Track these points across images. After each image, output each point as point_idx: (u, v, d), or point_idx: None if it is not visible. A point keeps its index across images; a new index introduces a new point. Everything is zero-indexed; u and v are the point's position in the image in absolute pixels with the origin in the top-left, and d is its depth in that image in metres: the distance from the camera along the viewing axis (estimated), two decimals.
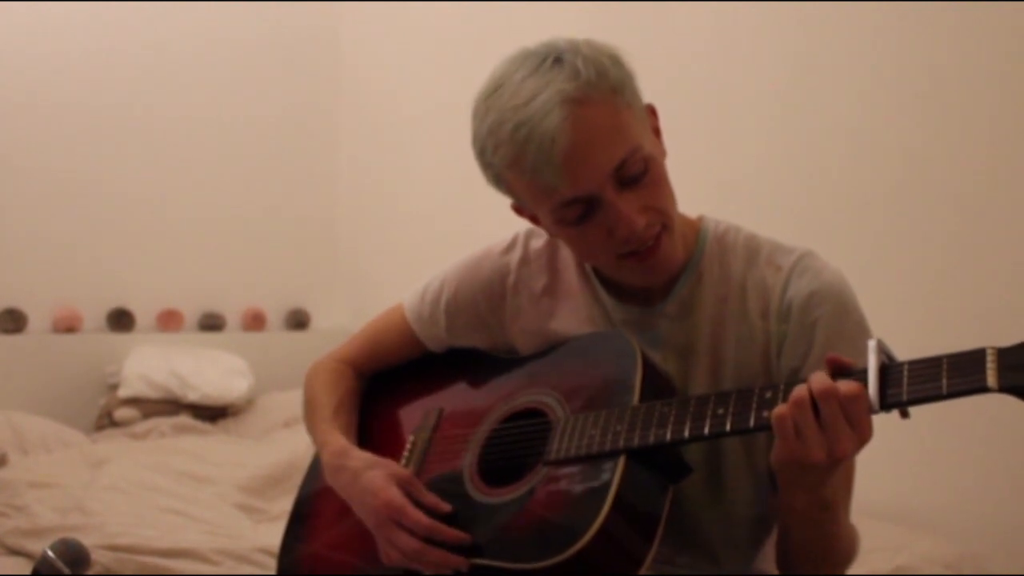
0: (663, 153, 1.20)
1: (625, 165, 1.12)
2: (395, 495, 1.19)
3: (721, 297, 1.22)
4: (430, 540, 1.16)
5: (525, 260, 1.35)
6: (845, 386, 0.97)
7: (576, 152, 1.10)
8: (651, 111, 1.21)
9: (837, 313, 1.17)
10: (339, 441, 1.33)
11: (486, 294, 1.36)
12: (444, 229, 3.83)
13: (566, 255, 1.33)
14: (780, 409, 0.99)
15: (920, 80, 2.59)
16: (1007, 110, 2.43)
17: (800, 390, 0.99)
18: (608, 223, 1.14)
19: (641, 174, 1.13)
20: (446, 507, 1.19)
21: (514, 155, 1.13)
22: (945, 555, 2.31)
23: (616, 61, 1.15)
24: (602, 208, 1.13)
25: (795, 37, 2.86)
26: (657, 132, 1.21)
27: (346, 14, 4.48)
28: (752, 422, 1.03)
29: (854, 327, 1.18)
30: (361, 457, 1.28)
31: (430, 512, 1.18)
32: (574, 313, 1.30)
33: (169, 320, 3.99)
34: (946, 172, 2.54)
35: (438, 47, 4.05)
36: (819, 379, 0.98)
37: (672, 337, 1.23)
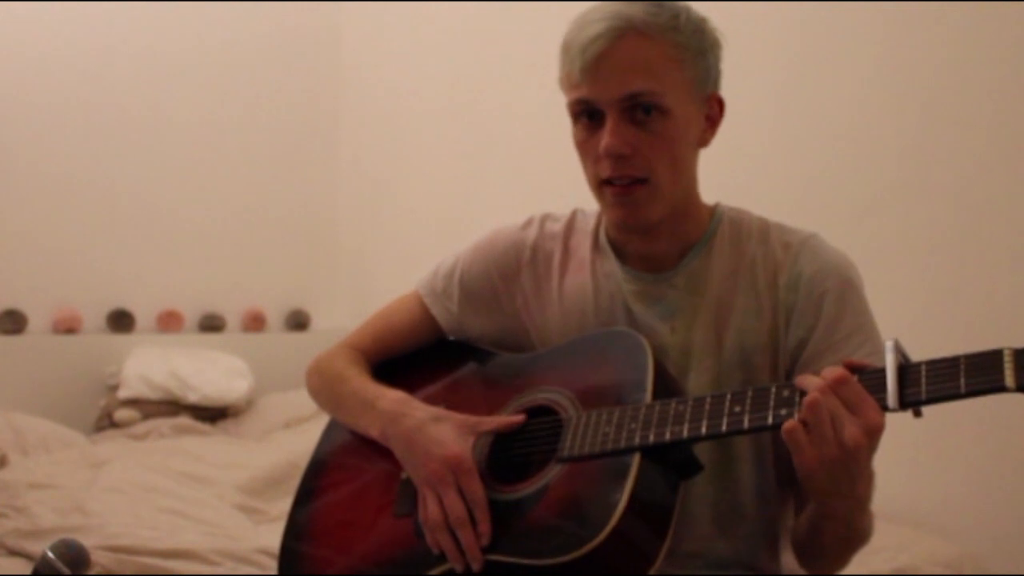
0: (698, 138, 1.26)
1: (637, 98, 1.19)
2: (467, 453, 1.20)
3: (731, 271, 1.27)
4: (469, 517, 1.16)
5: (541, 237, 1.38)
6: (829, 372, 1.01)
7: (603, 62, 1.19)
8: (716, 101, 1.27)
9: (844, 287, 1.23)
10: (397, 392, 1.33)
11: (501, 266, 1.39)
12: (445, 229, 3.83)
13: (581, 234, 1.36)
14: (790, 423, 1.01)
15: (920, 79, 2.59)
16: (1008, 107, 2.43)
17: (807, 399, 1.00)
18: (600, 139, 1.21)
19: (649, 118, 1.20)
20: (518, 417, 1.24)
21: (568, 38, 1.23)
22: (945, 555, 2.31)
23: (705, 35, 1.23)
24: (602, 124, 1.21)
25: (795, 37, 2.86)
26: (712, 122, 1.27)
27: (346, 14, 4.48)
28: (770, 419, 1.04)
29: (859, 302, 1.23)
30: (426, 409, 1.28)
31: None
32: (583, 287, 1.33)
33: (169, 321, 3.99)
34: (951, 171, 2.54)
35: (438, 47, 4.05)
36: (811, 382, 1.02)
37: (681, 308, 1.27)
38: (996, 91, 2.45)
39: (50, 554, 1.04)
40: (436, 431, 1.23)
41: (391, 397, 1.32)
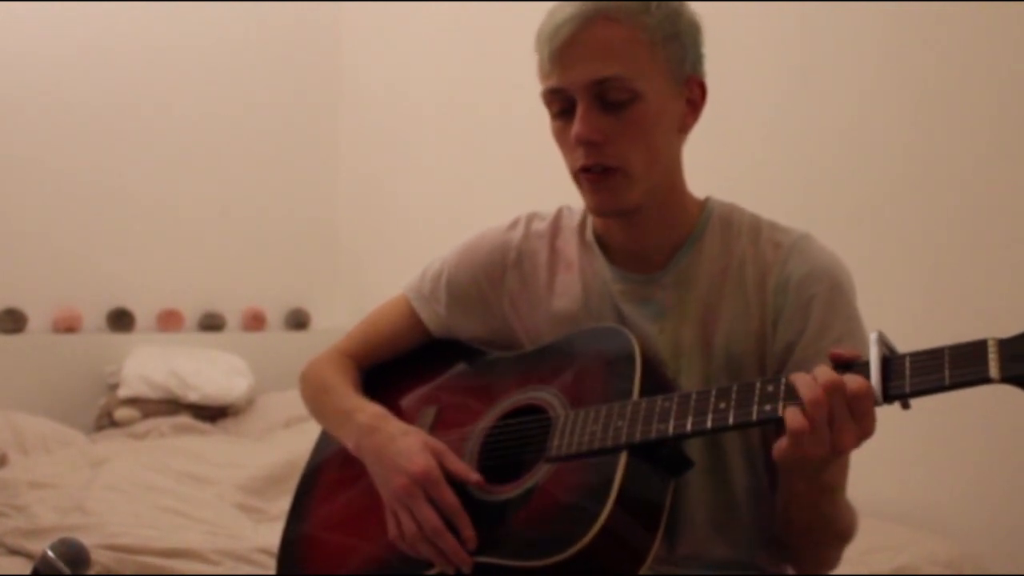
0: (678, 122, 1.23)
1: (606, 85, 1.17)
2: (433, 465, 1.19)
3: (720, 270, 1.24)
4: (448, 526, 1.16)
5: (527, 238, 1.37)
6: (852, 381, 0.98)
7: (570, 49, 1.18)
8: (697, 84, 1.24)
9: (833, 291, 1.20)
10: (376, 407, 1.33)
11: (487, 269, 1.38)
12: (444, 229, 3.82)
13: (567, 232, 1.35)
14: (799, 418, 0.98)
15: (920, 79, 2.59)
16: (1007, 108, 2.43)
17: (813, 392, 0.98)
18: (572, 127, 1.19)
19: (621, 104, 1.18)
20: (476, 476, 1.19)
21: (540, 26, 1.22)
22: (946, 555, 2.31)
23: (679, 17, 1.21)
24: (574, 112, 1.19)
25: (795, 37, 2.86)
26: (693, 106, 1.24)
27: (346, 14, 4.48)
28: (755, 415, 1.03)
29: (848, 306, 1.21)
30: (398, 424, 1.28)
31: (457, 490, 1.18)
32: (572, 287, 1.31)
33: (169, 320, 3.99)
34: (946, 167, 2.54)
35: (438, 47, 4.05)
36: (826, 374, 0.99)
37: (670, 308, 1.25)
38: (996, 91, 2.45)
39: (50, 553, 1.04)
40: (403, 445, 1.22)
41: (369, 411, 1.31)
